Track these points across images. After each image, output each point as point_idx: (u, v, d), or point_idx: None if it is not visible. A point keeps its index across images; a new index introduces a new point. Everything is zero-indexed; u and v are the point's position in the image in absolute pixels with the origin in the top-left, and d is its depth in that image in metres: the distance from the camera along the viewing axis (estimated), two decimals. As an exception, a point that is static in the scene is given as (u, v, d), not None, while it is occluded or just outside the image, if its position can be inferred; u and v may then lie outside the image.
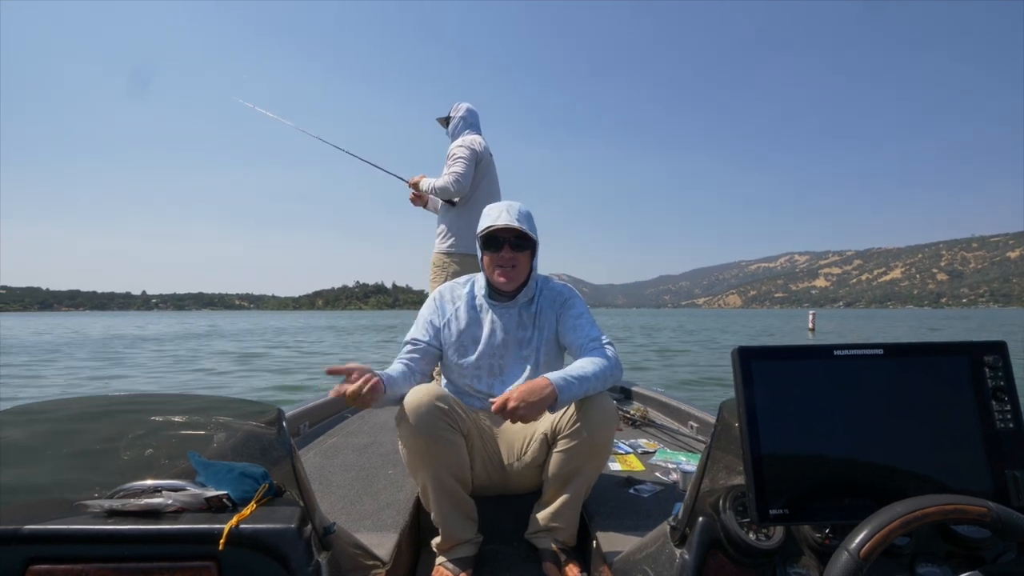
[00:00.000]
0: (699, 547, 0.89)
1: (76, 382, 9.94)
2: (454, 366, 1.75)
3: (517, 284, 1.72)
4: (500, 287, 1.72)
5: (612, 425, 1.51)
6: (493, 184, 3.47)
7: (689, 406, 2.78)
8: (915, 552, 0.85)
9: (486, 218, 1.70)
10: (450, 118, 3.51)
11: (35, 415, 1.02)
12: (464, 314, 1.77)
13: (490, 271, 1.72)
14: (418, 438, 1.44)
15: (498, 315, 1.76)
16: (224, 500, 0.90)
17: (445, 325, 1.76)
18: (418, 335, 1.73)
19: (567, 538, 1.59)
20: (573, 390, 1.43)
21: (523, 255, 1.70)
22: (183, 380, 10.23)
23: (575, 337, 1.68)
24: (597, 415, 1.48)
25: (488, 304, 1.77)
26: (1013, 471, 0.79)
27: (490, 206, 1.74)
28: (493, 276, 1.72)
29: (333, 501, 1.72)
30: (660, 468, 2.07)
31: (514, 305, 1.76)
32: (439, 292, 1.83)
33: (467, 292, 1.81)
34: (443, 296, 1.81)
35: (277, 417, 1.03)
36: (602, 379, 1.50)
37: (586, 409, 1.49)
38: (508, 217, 1.65)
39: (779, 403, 0.82)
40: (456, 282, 1.85)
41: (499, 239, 1.67)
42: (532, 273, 1.75)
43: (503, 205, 1.71)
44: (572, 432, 1.50)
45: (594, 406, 1.49)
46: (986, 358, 0.84)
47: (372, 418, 2.92)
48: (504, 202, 1.72)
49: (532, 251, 1.73)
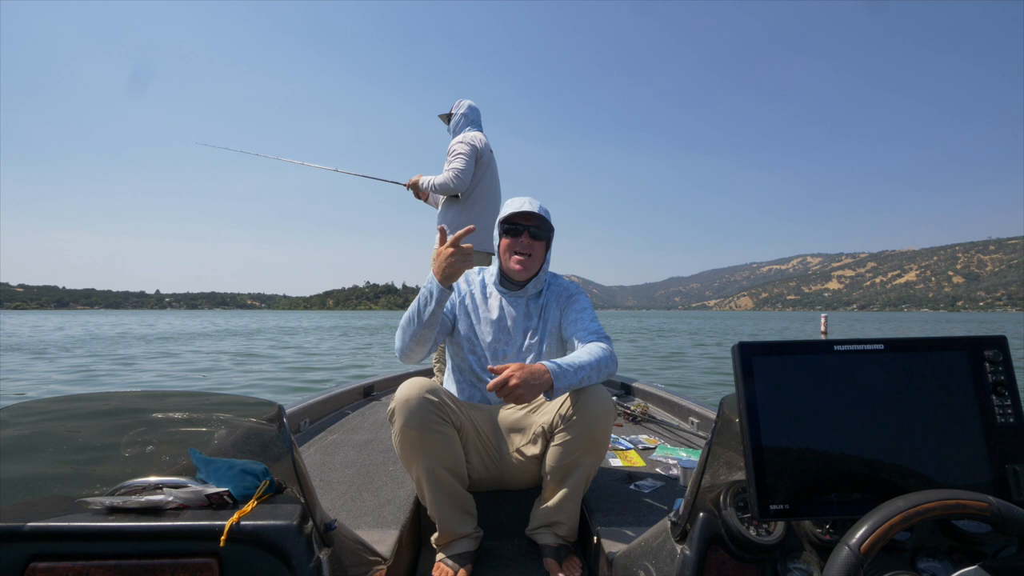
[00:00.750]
0: (700, 543, 0.89)
1: (77, 378, 9.95)
2: (463, 341, 1.78)
3: (531, 273, 1.76)
4: (514, 275, 1.76)
5: (609, 419, 1.51)
6: (494, 180, 3.49)
7: (690, 402, 2.78)
8: (916, 547, 0.86)
9: (509, 206, 1.76)
10: (452, 115, 3.54)
11: (36, 412, 1.02)
12: (477, 296, 1.82)
13: (506, 258, 1.76)
14: (409, 431, 1.45)
15: (507, 302, 1.80)
16: (225, 497, 0.90)
17: (460, 302, 1.81)
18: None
19: (567, 533, 1.59)
20: (568, 378, 1.43)
21: (539, 244, 1.75)
22: (185, 379, 10.25)
23: (575, 329, 1.70)
24: (594, 409, 1.48)
25: (498, 291, 1.82)
26: (1013, 466, 0.79)
27: (513, 198, 1.80)
28: (509, 263, 1.75)
29: (334, 498, 1.72)
30: (661, 464, 2.07)
31: (523, 295, 1.80)
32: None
33: (479, 279, 1.87)
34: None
35: (278, 414, 1.03)
36: (597, 370, 1.51)
37: (583, 403, 1.49)
38: (531, 206, 1.73)
39: (780, 399, 0.82)
40: (470, 271, 1.90)
41: (519, 226, 1.72)
42: (545, 265, 1.79)
43: (525, 197, 1.78)
44: (569, 426, 1.50)
45: (591, 400, 1.49)
46: (986, 353, 0.84)
47: (373, 415, 2.92)
48: (526, 196, 1.79)
49: (547, 243, 1.78)
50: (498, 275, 1.82)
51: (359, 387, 3.31)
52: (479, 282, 1.85)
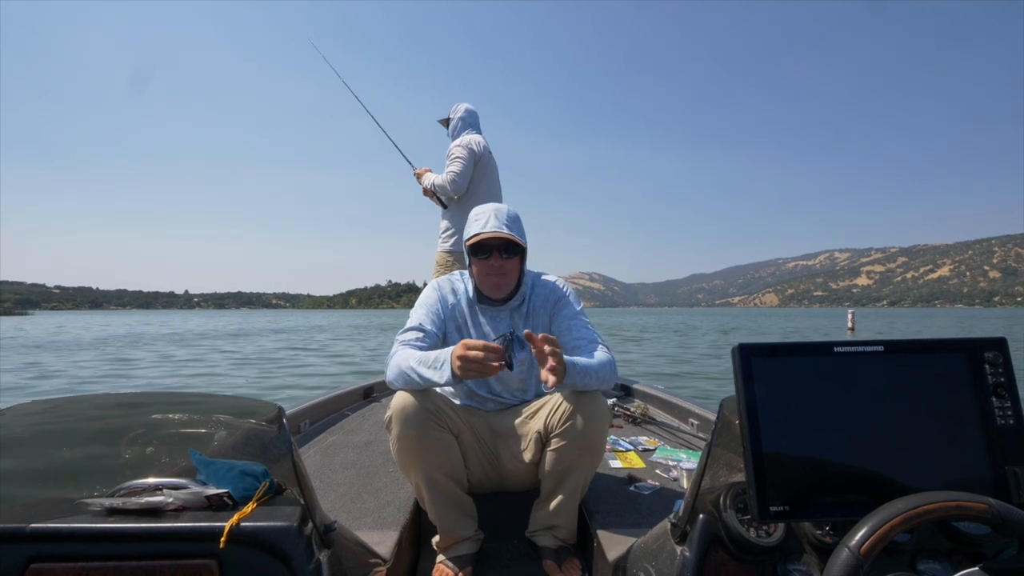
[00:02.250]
0: (700, 544, 0.89)
1: (80, 381, 9.96)
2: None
3: (507, 292, 1.69)
4: (490, 295, 1.68)
5: (605, 423, 1.50)
6: (493, 182, 3.53)
7: (690, 403, 2.78)
8: (916, 549, 0.86)
9: (473, 224, 1.64)
10: (450, 119, 3.60)
11: (36, 413, 1.02)
12: (465, 311, 1.73)
13: (480, 279, 1.67)
14: (407, 438, 1.44)
15: (489, 319, 1.72)
16: (225, 498, 0.90)
17: (449, 318, 1.72)
18: (425, 323, 1.65)
19: (566, 536, 1.59)
20: (576, 376, 1.40)
21: (512, 262, 1.65)
22: (187, 380, 10.25)
23: (570, 338, 1.64)
24: (590, 413, 1.47)
25: (479, 308, 1.73)
26: (1013, 467, 0.79)
27: (476, 209, 1.67)
28: (483, 284, 1.67)
29: (334, 499, 1.72)
30: (661, 465, 2.07)
31: (505, 309, 1.72)
32: (438, 284, 1.77)
33: (463, 289, 1.76)
34: (443, 288, 1.76)
35: (278, 415, 1.03)
36: (601, 377, 1.48)
37: (579, 407, 1.48)
38: (496, 223, 1.60)
39: (780, 400, 0.82)
40: (453, 277, 1.80)
41: (487, 246, 1.62)
42: (522, 276, 1.71)
43: (490, 209, 1.64)
44: (564, 430, 1.49)
45: (587, 404, 1.48)
46: (986, 355, 0.84)
47: (373, 416, 2.92)
48: (491, 205, 1.66)
49: (522, 256, 1.68)
50: (475, 293, 1.72)
51: (359, 388, 3.31)
52: (464, 293, 1.75)
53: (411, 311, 1.72)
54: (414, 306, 1.74)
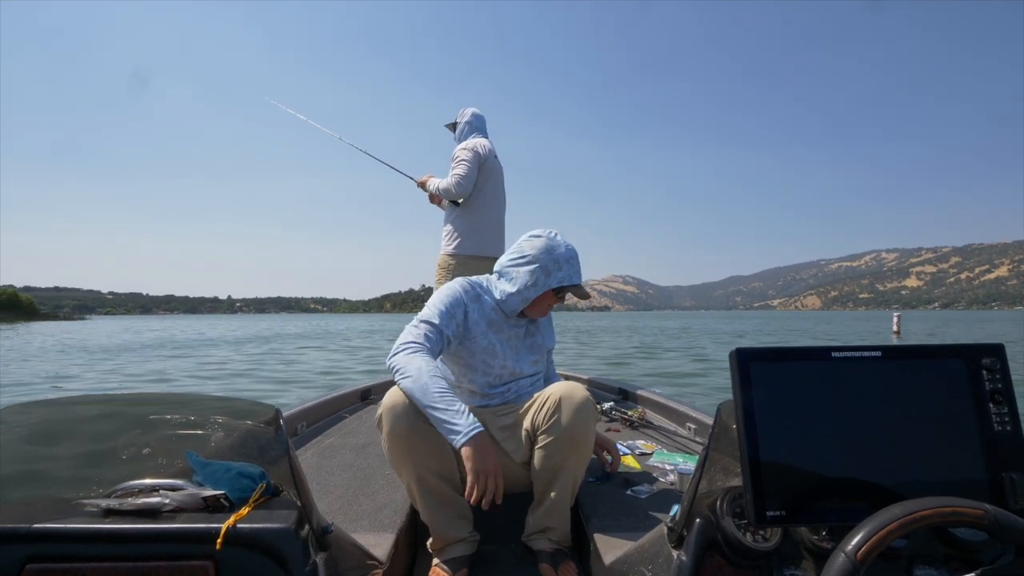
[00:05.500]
0: (696, 549, 0.89)
1: (88, 382, 9.93)
2: (478, 363, 1.70)
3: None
4: (532, 317, 1.78)
5: (589, 417, 1.51)
6: (498, 185, 3.56)
7: (687, 407, 2.78)
8: (912, 555, 0.86)
9: (567, 265, 1.66)
10: (457, 123, 3.62)
11: (33, 413, 1.01)
12: (485, 317, 1.71)
13: (540, 306, 1.72)
14: (397, 437, 1.45)
15: (510, 327, 1.77)
16: (221, 500, 0.89)
17: (473, 322, 1.68)
18: (441, 323, 1.61)
19: (561, 538, 1.59)
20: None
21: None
22: (191, 382, 10.21)
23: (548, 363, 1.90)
24: (572, 408, 1.49)
25: (499, 318, 1.74)
26: (1010, 474, 0.79)
27: (564, 253, 1.67)
28: (534, 310, 1.74)
29: (330, 501, 1.71)
30: (658, 469, 2.06)
31: (523, 320, 1.80)
32: (460, 285, 1.72)
33: (486, 296, 1.74)
34: (466, 291, 1.71)
35: (275, 417, 1.02)
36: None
37: (562, 403, 1.50)
38: (579, 277, 1.72)
39: (777, 405, 0.82)
40: (477, 282, 1.76)
41: (564, 289, 1.72)
42: None
43: (575, 256, 1.69)
44: (550, 427, 1.52)
45: (569, 399, 1.50)
46: (984, 361, 0.84)
47: (370, 418, 2.91)
48: (572, 248, 1.70)
49: None
50: (496, 305, 1.73)
51: (356, 390, 3.31)
52: (487, 300, 1.73)
53: (430, 300, 1.68)
54: (434, 296, 1.70)
